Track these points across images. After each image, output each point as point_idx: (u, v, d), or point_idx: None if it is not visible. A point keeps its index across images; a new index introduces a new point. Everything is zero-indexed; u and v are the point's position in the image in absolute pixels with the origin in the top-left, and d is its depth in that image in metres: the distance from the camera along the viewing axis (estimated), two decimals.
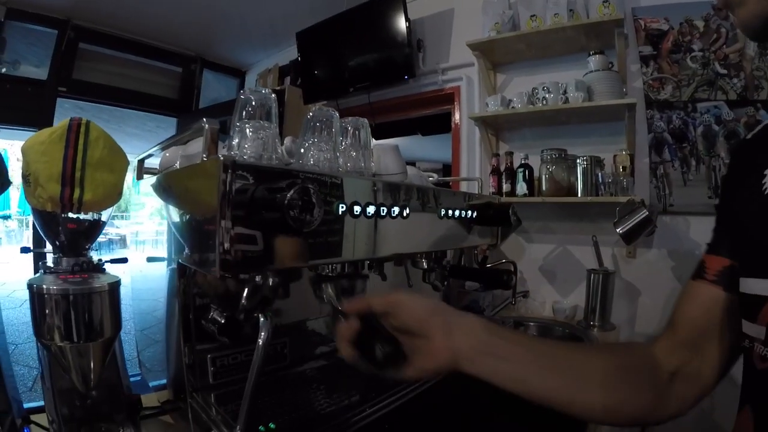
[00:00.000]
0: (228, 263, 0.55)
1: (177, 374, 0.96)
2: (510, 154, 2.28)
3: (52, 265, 0.89)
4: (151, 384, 1.16)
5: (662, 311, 2.07)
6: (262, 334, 0.67)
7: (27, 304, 0.74)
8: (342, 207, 0.71)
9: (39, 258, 2.97)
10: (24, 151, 0.83)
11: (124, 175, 0.91)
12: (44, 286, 0.72)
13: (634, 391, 0.63)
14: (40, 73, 3.41)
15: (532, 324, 2.15)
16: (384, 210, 0.80)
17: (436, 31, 2.76)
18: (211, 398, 0.80)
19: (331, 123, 0.86)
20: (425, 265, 1.08)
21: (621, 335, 2.05)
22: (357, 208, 0.74)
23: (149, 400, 1.07)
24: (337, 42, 3.00)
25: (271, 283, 0.71)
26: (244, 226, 0.57)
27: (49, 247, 0.92)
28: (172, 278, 0.93)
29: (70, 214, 0.87)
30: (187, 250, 0.75)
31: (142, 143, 0.94)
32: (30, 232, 9.36)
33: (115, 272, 0.88)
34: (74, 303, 0.72)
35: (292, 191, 0.55)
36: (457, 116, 2.68)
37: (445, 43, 2.72)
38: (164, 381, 1.11)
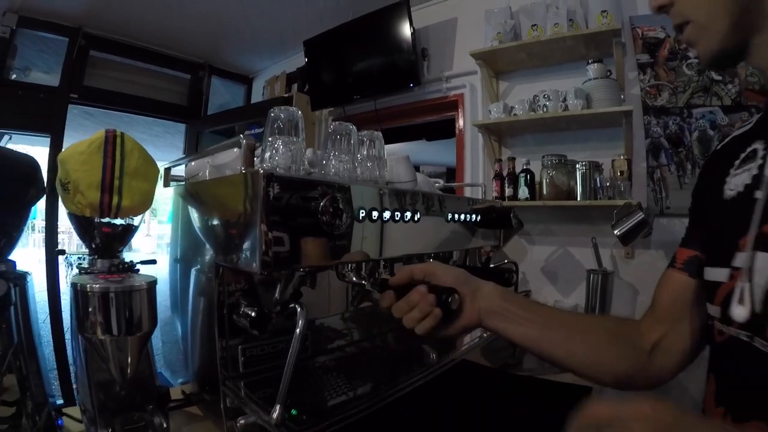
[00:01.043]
0: (266, 263, 0.63)
1: (202, 368, 1.03)
2: (512, 159, 2.36)
3: (87, 266, 0.96)
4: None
5: None
6: (300, 321, 0.74)
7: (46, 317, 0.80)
8: (362, 212, 0.79)
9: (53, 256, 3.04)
10: (63, 160, 0.89)
11: (156, 183, 0.98)
12: (87, 285, 0.79)
13: (620, 352, 0.76)
14: (50, 79, 3.47)
15: None
16: (398, 215, 0.87)
17: (440, 40, 2.84)
18: (241, 385, 0.87)
19: (349, 136, 0.93)
20: None
21: None
22: (375, 214, 0.82)
23: (174, 393, 1.14)
24: (344, 50, 3.07)
25: (300, 279, 0.78)
26: (280, 230, 0.65)
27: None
28: (198, 279, 1.01)
29: (106, 219, 0.93)
30: (217, 252, 0.82)
31: (149, 147, 1.01)
32: (38, 236, 9.44)
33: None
34: (116, 300, 0.79)
35: (324, 200, 0.63)
36: (461, 123, 2.76)
37: (449, 52, 2.79)
38: (180, 380, 1.19)
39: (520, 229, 2.11)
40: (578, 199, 2.11)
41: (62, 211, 3.26)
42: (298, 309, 0.76)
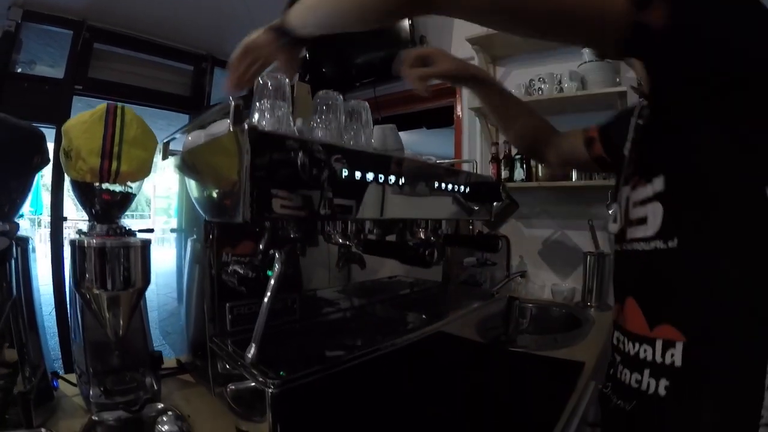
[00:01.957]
0: (250, 211, 0.66)
1: (195, 335, 1.07)
2: (508, 142, 2.37)
3: (86, 230, 1.00)
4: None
5: None
6: (276, 265, 0.78)
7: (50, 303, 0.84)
8: (346, 171, 0.81)
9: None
10: (66, 129, 0.94)
11: (154, 152, 1.02)
12: (85, 240, 0.83)
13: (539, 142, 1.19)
14: (55, 72, 3.51)
15: (531, 305, 2.24)
16: (382, 177, 0.90)
17: (438, 27, 2.85)
18: (228, 343, 0.90)
19: (336, 105, 0.96)
20: (422, 235, 1.18)
21: None
22: (358, 174, 0.84)
23: (170, 364, 1.18)
24: (344, 39, 3.05)
25: (284, 230, 0.82)
26: (264, 182, 0.68)
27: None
28: (193, 247, 1.04)
29: (106, 186, 0.97)
30: (207, 211, 0.86)
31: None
32: (44, 231, 9.47)
33: None
34: (111, 255, 0.83)
35: (305, 152, 0.67)
36: (458, 109, 2.78)
37: (446, 39, 2.81)
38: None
39: (515, 211, 2.13)
40: (573, 179, 2.13)
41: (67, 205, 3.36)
42: (277, 254, 0.79)
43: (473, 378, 1.23)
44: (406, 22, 2.71)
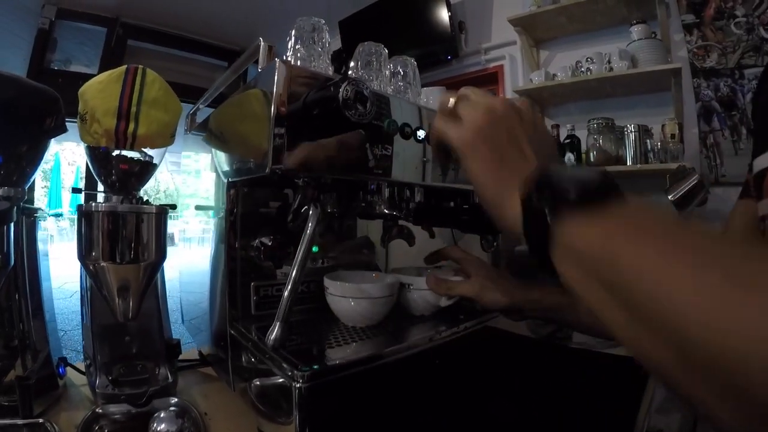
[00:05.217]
0: (278, 159, 0.55)
1: (218, 324, 0.93)
2: (556, 126, 2.23)
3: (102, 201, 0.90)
4: None
5: None
6: (309, 224, 0.65)
7: (77, 296, 0.74)
8: (394, 124, 0.69)
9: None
10: (82, 92, 0.85)
11: (177, 118, 0.92)
12: (93, 204, 0.73)
13: None
14: (91, 71, 3.51)
15: None
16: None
17: (478, 11, 2.73)
18: (252, 329, 0.76)
19: (380, 59, 0.84)
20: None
21: None
22: (408, 129, 0.72)
23: (191, 354, 1.07)
24: (380, 28, 2.99)
25: (319, 188, 0.69)
26: (295, 126, 0.57)
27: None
28: (218, 225, 0.92)
29: (124, 153, 0.87)
30: (232, 169, 0.75)
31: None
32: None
33: None
34: (121, 222, 0.72)
35: (346, 83, 0.54)
36: (501, 95, 2.64)
37: (486, 23, 2.69)
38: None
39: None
40: (628, 163, 1.97)
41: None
42: (311, 210, 0.66)
43: (526, 380, 1.07)
44: (444, 7, 2.59)
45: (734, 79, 1.95)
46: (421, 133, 0.74)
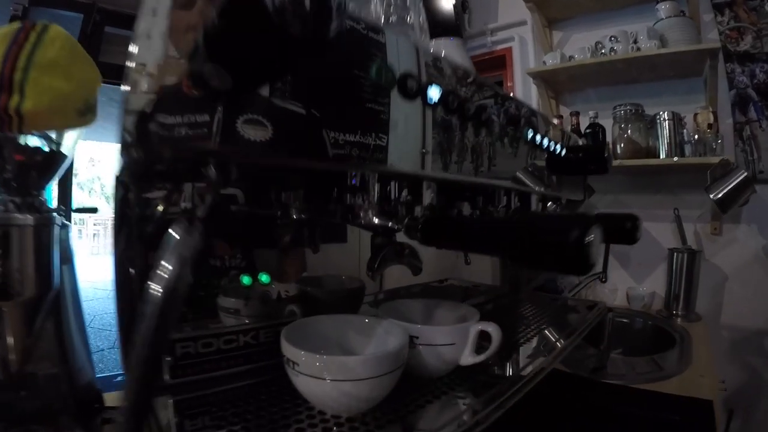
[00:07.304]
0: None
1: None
2: (576, 114, 1.98)
3: None
4: None
5: (753, 299, 1.74)
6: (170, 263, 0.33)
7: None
8: (385, 71, 0.42)
9: None
10: None
11: (86, 88, 0.68)
12: None
13: None
14: None
15: (609, 315, 1.82)
16: (453, 101, 0.52)
17: None
18: (169, 404, 0.49)
19: None
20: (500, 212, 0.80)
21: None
22: (412, 84, 0.45)
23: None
24: None
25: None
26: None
27: None
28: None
29: (17, 139, 0.64)
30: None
31: None
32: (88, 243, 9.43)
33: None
34: None
35: None
36: (509, 82, 2.40)
37: (493, 1, 2.43)
38: None
39: (590, 196, 1.74)
40: (661, 156, 1.73)
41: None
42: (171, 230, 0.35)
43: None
44: None
45: None
46: (434, 92, 0.49)
